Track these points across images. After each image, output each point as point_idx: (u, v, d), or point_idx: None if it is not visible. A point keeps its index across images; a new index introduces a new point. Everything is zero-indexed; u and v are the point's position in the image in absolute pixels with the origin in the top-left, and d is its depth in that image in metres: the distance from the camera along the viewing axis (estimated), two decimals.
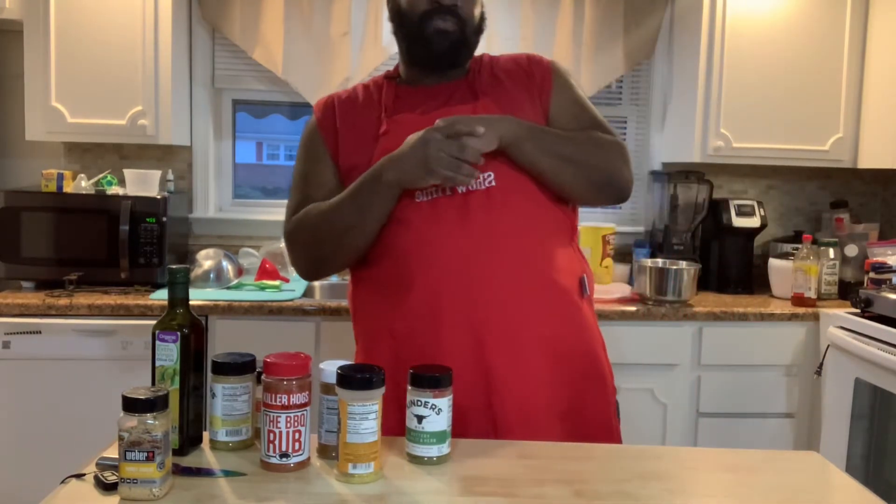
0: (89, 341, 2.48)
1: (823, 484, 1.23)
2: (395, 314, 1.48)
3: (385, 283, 1.50)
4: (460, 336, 1.43)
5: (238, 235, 3.17)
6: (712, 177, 3.20)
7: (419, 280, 1.45)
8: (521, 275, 1.46)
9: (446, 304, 1.43)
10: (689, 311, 2.66)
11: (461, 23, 1.56)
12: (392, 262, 1.49)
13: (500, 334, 1.44)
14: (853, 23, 2.96)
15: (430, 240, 1.45)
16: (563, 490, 1.15)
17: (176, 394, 1.21)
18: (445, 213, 1.46)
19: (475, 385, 1.43)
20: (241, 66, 3.14)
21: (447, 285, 1.44)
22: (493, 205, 1.47)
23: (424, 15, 1.54)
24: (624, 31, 3.18)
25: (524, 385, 1.45)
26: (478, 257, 1.44)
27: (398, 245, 1.48)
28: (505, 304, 1.44)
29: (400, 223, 1.48)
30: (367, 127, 1.56)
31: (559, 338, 1.48)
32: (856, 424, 2.51)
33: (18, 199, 2.67)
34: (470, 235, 1.45)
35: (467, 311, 1.43)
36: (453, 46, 1.56)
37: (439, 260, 1.44)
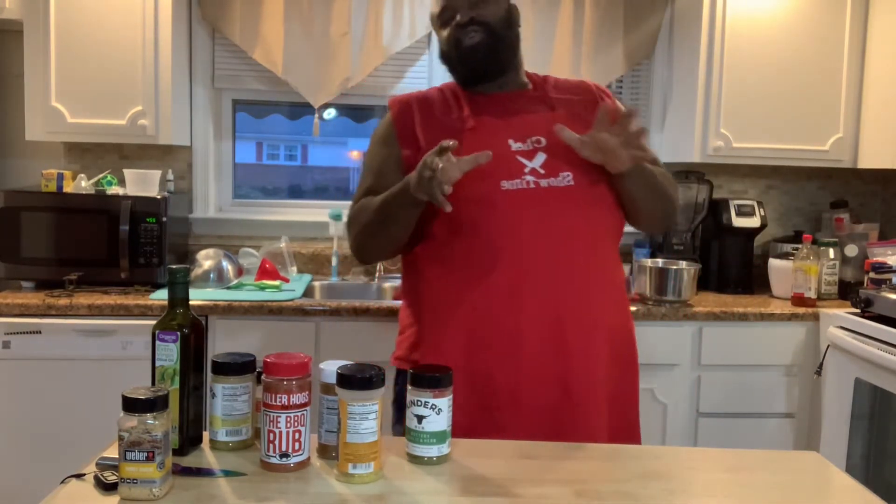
0: (89, 341, 2.48)
1: (823, 484, 1.23)
2: (474, 290, 1.59)
3: (464, 261, 1.61)
4: (541, 314, 1.57)
5: (238, 235, 3.17)
6: (712, 177, 3.20)
7: (504, 260, 1.58)
8: (592, 265, 1.63)
9: (529, 285, 1.57)
10: (689, 311, 2.66)
11: (484, 27, 1.69)
12: (474, 242, 1.60)
13: (575, 316, 1.58)
14: (853, 23, 2.96)
15: (514, 225, 1.59)
16: (563, 490, 1.15)
17: (176, 394, 1.21)
18: (529, 202, 1.60)
19: (551, 360, 1.57)
20: (241, 66, 3.14)
21: (530, 267, 1.57)
22: (569, 200, 1.62)
23: (454, 41, 1.70)
24: (624, 31, 3.18)
25: (590, 363, 1.60)
26: (557, 245, 1.59)
27: (482, 227, 1.59)
28: (579, 289, 1.60)
29: (485, 207, 1.60)
30: (451, 123, 1.70)
31: (616, 326, 1.66)
32: (856, 424, 2.51)
33: (18, 199, 2.67)
34: (550, 225, 1.59)
35: (548, 292, 1.57)
36: (487, 51, 1.69)
37: (523, 243, 1.58)
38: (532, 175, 1.61)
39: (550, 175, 1.62)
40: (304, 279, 2.97)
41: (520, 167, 1.62)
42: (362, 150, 3.38)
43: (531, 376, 1.56)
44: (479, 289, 1.59)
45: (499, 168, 1.60)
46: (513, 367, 1.57)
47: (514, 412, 1.57)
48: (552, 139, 1.63)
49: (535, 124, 1.67)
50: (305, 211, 3.26)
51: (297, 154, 3.43)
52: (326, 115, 3.31)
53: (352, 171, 3.41)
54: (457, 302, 1.61)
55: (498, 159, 1.57)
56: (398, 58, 3.17)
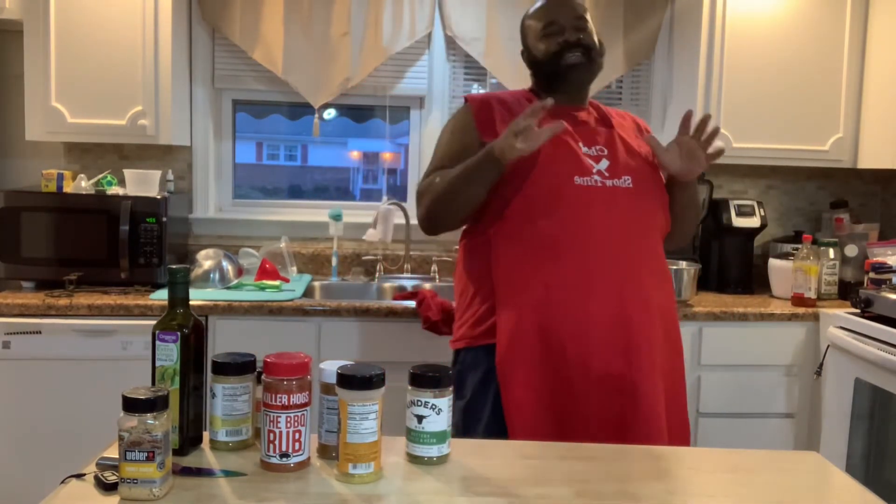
0: (89, 341, 2.48)
1: (823, 484, 1.23)
2: (548, 270, 1.77)
3: (539, 242, 1.79)
4: (607, 293, 1.76)
5: (238, 235, 3.17)
6: (712, 177, 3.21)
7: (574, 245, 1.77)
8: (647, 254, 1.84)
9: (596, 267, 1.77)
10: (689, 311, 2.66)
11: (587, 51, 1.91)
12: (548, 227, 1.78)
13: (635, 296, 1.78)
14: (853, 23, 2.96)
15: (584, 214, 1.79)
16: (563, 490, 1.15)
17: (176, 394, 1.21)
18: (597, 196, 1.80)
19: (617, 333, 1.75)
20: (241, 66, 3.14)
21: (597, 252, 1.78)
22: (630, 199, 1.83)
23: (556, 56, 1.90)
24: (624, 31, 3.18)
25: (648, 339, 1.78)
26: (619, 234, 1.80)
27: (556, 214, 1.78)
28: (637, 274, 1.80)
29: (560, 197, 1.79)
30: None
31: (669, 313, 1.87)
32: (856, 424, 2.51)
33: (18, 199, 2.67)
34: (614, 217, 1.80)
35: (613, 274, 1.77)
36: (584, 73, 1.93)
37: (591, 231, 1.78)
38: (599, 175, 1.83)
39: (614, 177, 1.84)
40: (304, 279, 2.97)
41: (589, 167, 1.83)
42: (362, 151, 3.39)
43: (599, 348, 1.74)
44: (552, 268, 1.77)
45: (571, 165, 1.82)
46: (583, 339, 1.75)
47: (584, 380, 1.75)
48: (612, 150, 1.87)
49: (598, 135, 1.89)
50: (305, 211, 3.26)
51: (297, 154, 3.43)
52: (326, 115, 3.31)
53: (352, 171, 3.41)
54: (531, 279, 1.78)
55: (570, 158, 1.82)
56: (398, 58, 3.17)
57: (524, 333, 1.76)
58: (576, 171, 1.81)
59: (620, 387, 1.75)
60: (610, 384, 1.74)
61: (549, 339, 1.76)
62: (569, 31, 1.91)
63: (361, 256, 3.18)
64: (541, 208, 1.79)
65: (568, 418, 1.75)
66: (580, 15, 1.94)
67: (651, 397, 1.77)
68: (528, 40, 1.98)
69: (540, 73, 1.97)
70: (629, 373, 1.75)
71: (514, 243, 1.82)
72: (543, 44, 1.93)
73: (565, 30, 1.91)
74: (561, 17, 1.92)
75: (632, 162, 1.87)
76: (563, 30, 1.91)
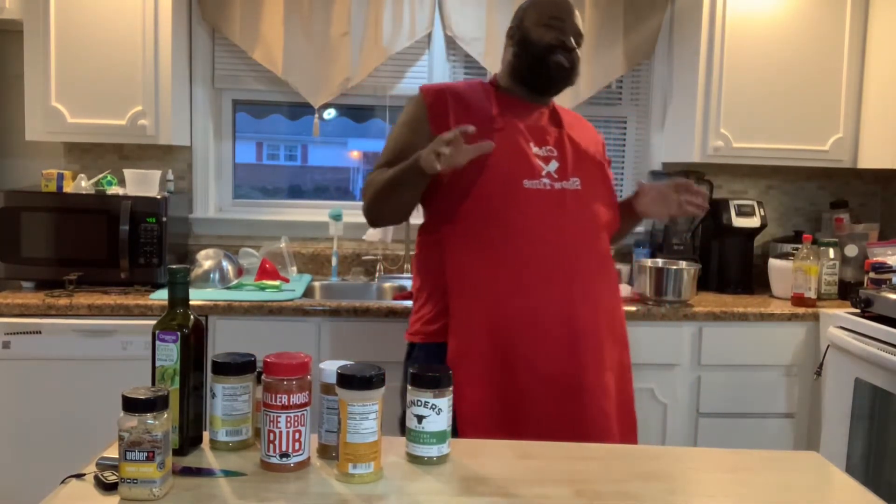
0: (89, 341, 2.48)
1: (823, 484, 1.23)
2: (498, 271, 1.82)
3: (489, 244, 1.84)
4: (556, 293, 1.82)
5: (238, 235, 3.17)
6: (712, 177, 3.21)
7: (524, 247, 1.82)
8: (595, 254, 1.89)
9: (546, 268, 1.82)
10: (689, 311, 2.66)
11: (573, 61, 1.95)
12: (498, 229, 1.83)
13: (586, 305, 1.84)
14: (853, 23, 2.96)
15: (533, 217, 1.83)
16: (563, 490, 1.15)
17: (176, 394, 1.21)
18: (546, 199, 1.85)
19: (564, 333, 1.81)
20: (241, 66, 3.14)
21: (546, 254, 1.83)
22: (578, 200, 1.89)
23: (550, 47, 1.93)
24: (624, 31, 3.18)
25: (599, 348, 1.84)
26: (568, 236, 1.85)
27: (506, 217, 1.83)
28: (586, 274, 1.86)
29: (509, 200, 1.83)
30: (482, 118, 1.89)
31: (612, 307, 1.92)
32: (856, 424, 2.51)
33: (18, 199, 2.67)
34: (562, 219, 1.86)
35: (562, 275, 1.83)
36: (565, 79, 1.97)
37: (540, 233, 1.83)
38: (548, 178, 1.87)
39: (563, 179, 1.88)
40: (304, 279, 2.97)
41: (539, 169, 1.87)
42: (362, 150, 3.38)
43: (548, 349, 1.80)
44: (502, 271, 1.82)
45: (521, 168, 1.85)
46: (532, 341, 1.80)
47: (533, 379, 1.79)
48: (562, 150, 1.92)
49: (549, 135, 1.93)
50: (305, 211, 3.26)
51: (297, 154, 3.43)
52: (326, 115, 3.31)
53: (352, 170, 3.41)
54: (482, 279, 1.83)
55: (521, 160, 1.86)
56: (398, 58, 3.17)
57: (475, 334, 1.81)
58: (525, 174, 1.85)
59: (569, 386, 1.80)
60: (558, 383, 1.80)
61: (500, 341, 1.81)
62: (569, 36, 1.95)
63: (361, 256, 3.18)
64: (491, 211, 1.83)
65: (517, 417, 1.78)
66: (581, 34, 1.99)
67: (599, 396, 1.82)
68: (527, 21, 1.97)
69: (524, 54, 1.95)
70: (577, 372, 1.81)
71: (465, 245, 1.86)
72: (542, 31, 1.94)
73: (567, 33, 1.95)
74: (567, 22, 1.96)
75: (580, 163, 1.92)
76: (565, 31, 1.95)
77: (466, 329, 1.82)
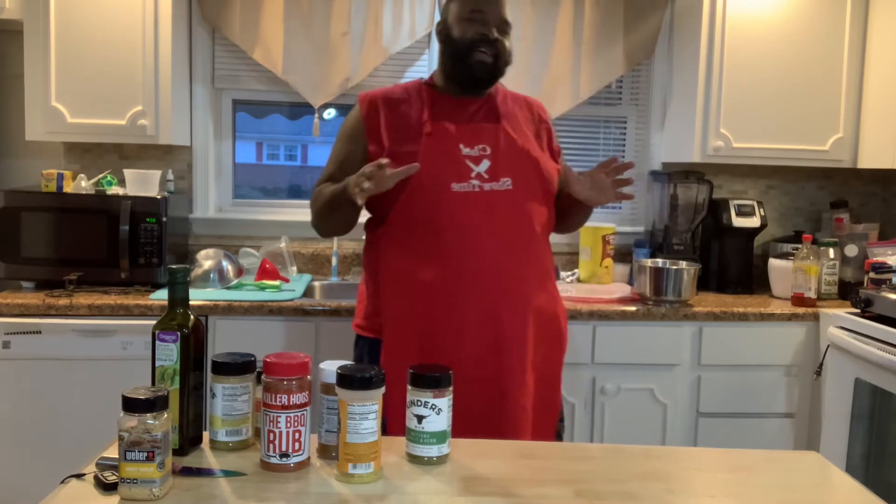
0: (89, 341, 2.48)
1: (823, 484, 1.23)
2: (425, 274, 1.85)
3: (417, 247, 1.87)
4: (482, 296, 1.84)
5: (238, 235, 3.17)
6: (712, 177, 3.20)
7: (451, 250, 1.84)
8: (525, 256, 1.90)
9: (472, 272, 1.84)
10: (689, 311, 2.66)
11: (497, 55, 1.93)
12: (426, 233, 1.86)
13: (511, 308, 1.86)
14: (853, 23, 2.96)
15: (461, 221, 1.85)
16: (563, 490, 1.15)
17: (176, 394, 1.22)
18: (475, 202, 1.86)
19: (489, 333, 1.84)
20: (241, 66, 3.14)
21: (473, 257, 1.84)
22: (508, 202, 1.89)
23: (471, 43, 1.91)
24: (624, 31, 3.18)
25: (522, 349, 1.87)
26: (495, 238, 1.86)
27: (434, 221, 1.85)
28: (514, 276, 1.87)
29: (437, 204, 1.85)
30: (412, 123, 1.93)
31: (543, 308, 1.94)
32: (856, 424, 2.51)
33: (18, 199, 2.67)
34: (492, 222, 1.86)
35: (488, 278, 1.85)
36: (489, 75, 1.94)
37: (467, 236, 1.85)
38: (478, 179, 1.88)
39: (493, 180, 1.89)
40: (304, 279, 2.97)
41: (468, 171, 1.88)
42: None
43: (472, 352, 1.84)
44: (429, 276, 1.85)
45: (449, 171, 1.87)
46: (457, 343, 1.84)
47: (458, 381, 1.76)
48: (495, 149, 1.91)
49: (484, 133, 1.93)
50: (305, 211, 3.26)
51: (297, 154, 3.42)
52: (326, 115, 3.31)
53: None
54: (410, 283, 1.87)
55: (450, 163, 1.88)
56: (398, 58, 3.17)
57: (404, 337, 1.87)
58: (454, 178, 1.86)
59: (491, 386, 1.85)
60: (481, 385, 1.84)
61: (426, 344, 1.85)
62: (491, 28, 1.92)
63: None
64: (420, 216, 1.87)
65: None
66: (506, 20, 1.96)
67: (517, 394, 1.86)
68: (449, 17, 1.97)
69: (448, 52, 1.95)
70: (499, 373, 1.85)
71: (395, 249, 1.91)
72: (463, 26, 1.92)
73: (488, 24, 1.92)
74: (489, 11, 1.92)
75: (514, 161, 1.91)
76: (486, 23, 1.92)
77: (397, 331, 1.88)
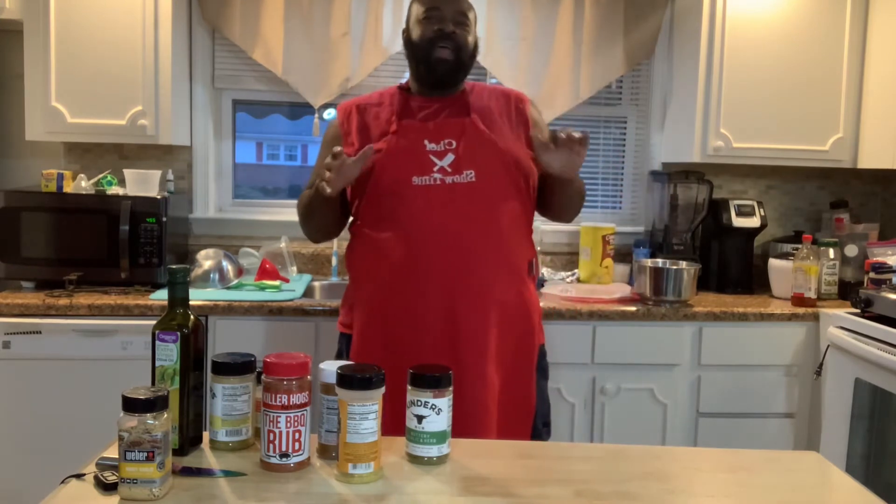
0: (89, 341, 2.48)
1: (823, 484, 1.23)
2: (386, 268, 1.89)
3: (381, 242, 1.90)
4: (438, 290, 1.86)
5: (238, 235, 3.17)
6: (712, 177, 3.20)
7: (409, 243, 1.86)
8: (487, 250, 1.90)
9: (428, 264, 1.86)
10: (689, 311, 2.66)
11: (458, 49, 1.95)
12: (389, 227, 1.90)
13: (469, 300, 1.87)
14: (853, 23, 2.96)
15: (421, 214, 1.87)
16: (563, 490, 1.15)
17: (176, 394, 1.22)
18: (436, 195, 1.88)
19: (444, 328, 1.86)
20: (241, 66, 3.14)
21: (431, 250, 1.86)
22: (471, 195, 1.90)
23: (429, 42, 1.95)
24: (624, 31, 3.18)
25: (482, 342, 1.88)
26: (456, 231, 1.87)
27: (395, 214, 1.89)
28: (473, 269, 1.88)
29: (398, 198, 1.89)
30: (380, 124, 1.98)
31: (508, 303, 1.93)
32: (856, 424, 2.51)
33: (18, 199, 2.67)
34: (452, 214, 1.87)
35: (444, 270, 1.86)
36: (451, 71, 1.97)
37: (427, 230, 1.87)
38: (440, 173, 1.90)
39: (455, 173, 1.91)
40: (304, 279, 2.97)
41: (430, 165, 1.91)
42: None
43: (429, 345, 1.86)
44: (388, 269, 1.90)
45: (411, 165, 1.91)
46: (415, 337, 1.87)
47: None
48: (460, 142, 1.93)
49: (450, 128, 1.95)
50: None
51: (297, 154, 3.42)
52: (326, 115, 3.31)
53: None
54: (373, 276, 1.92)
55: (412, 158, 1.91)
56: (398, 58, 3.17)
57: (369, 331, 1.92)
58: (415, 171, 1.90)
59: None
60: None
61: (388, 337, 1.90)
62: (447, 22, 1.95)
63: None
64: (381, 210, 1.92)
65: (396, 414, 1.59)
66: (463, 11, 1.98)
67: (478, 389, 1.86)
68: (409, 21, 2.03)
69: (412, 56, 2.02)
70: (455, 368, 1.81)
71: (361, 243, 1.97)
72: (420, 28, 1.98)
73: (445, 20, 1.95)
74: (444, 7, 1.96)
75: (480, 154, 1.92)
76: (442, 19, 1.95)
77: (364, 326, 1.93)
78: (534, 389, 2.01)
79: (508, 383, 1.94)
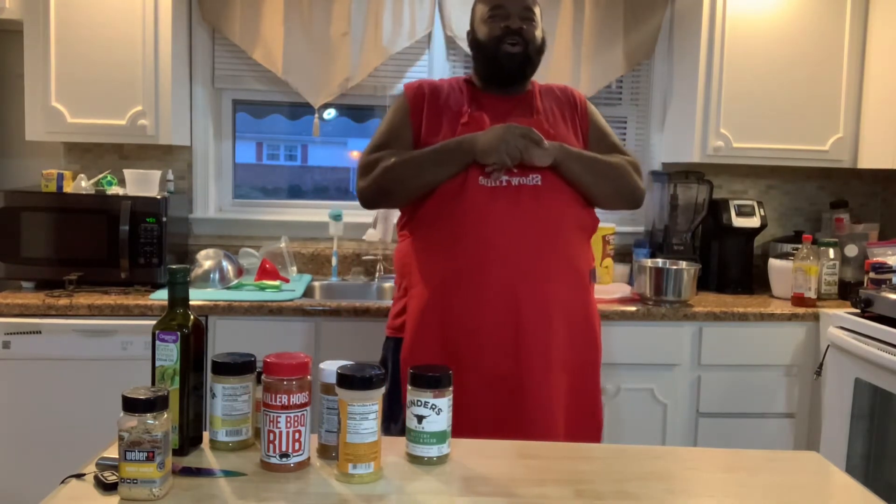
0: (89, 341, 2.48)
1: (823, 484, 1.23)
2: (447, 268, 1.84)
3: (442, 241, 1.86)
4: (500, 291, 1.81)
5: (238, 235, 3.17)
6: (712, 177, 3.20)
7: (473, 244, 1.82)
8: (551, 254, 1.85)
9: (492, 266, 1.81)
10: (689, 311, 2.66)
11: (526, 44, 1.94)
12: (451, 226, 1.85)
13: (532, 305, 1.82)
14: (853, 23, 2.96)
15: (486, 215, 1.83)
16: (563, 490, 1.15)
17: (176, 394, 1.21)
18: (501, 197, 1.84)
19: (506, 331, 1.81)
20: (241, 66, 3.14)
21: (494, 251, 1.82)
22: (537, 199, 1.86)
23: (497, 40, 1.93)
24: (624, 31, 3.18)
25: (545, 348, 1.83)
26: (519, 233, 1.83)
27: (459, 214, 1.84)
28: (537, 272, 1.83)
29: (463, 198, 1.85)
30: (452, 115, 1.94)
31: (573, 309, 1.89)
32: (856, 424, 2.51)
33: (18, 199, 2.67)
34: (517, 217, 1.83)
35: (508, 273, 1.82)
36: (520, 65, 1.96)
37: (490, 230, 1.83)
38: (506, 174, 1.86)
39: (521, 175, 1.86)
40: (304, 279, 2.97)
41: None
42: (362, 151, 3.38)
43: (490, 349, 1.81)
44: (449, 270, 1.85)
45: (478, 164, 1.86)
46: (475, 340, 1.82)
47: (475, 380, 1.79)
48: None
49: None
50: (305, 211, 3.26)
51: (297, 154, 3.43)
52: (326, 115, 3.31)
53: (351, 171, 3.41)
54: (433, 278, 1.87)
55: None
56: (398, 58, 3.17)
57: (425, 333, 1.86)
58: (481, 171, 1.85)
59: (509, 387, 1.81)
60: (501, 384, 1.81)
61: (445, 339, 1.84)
62: (514, 18, 1.94)
63: (361, 256, 3.18)
64: (445, 210, 1.86)
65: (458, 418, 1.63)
66: (528, 6, 1.97)
67: (543, 396, 1.82)
68: (475, 22, 2.02)
69: (479, 56, 2.00)
70: (517, 373, 1.81)
71: (423, 243, 1.92)
72: (486, 27, 1.96)
73: (510, 16, 1.94)
74: (509, 4, 1.95)
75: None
76: (508, 16, 1.94)
77: (418, 327, 1.87)
78: (600, 401, 1.96)
79: (577, 394, 1.89)
